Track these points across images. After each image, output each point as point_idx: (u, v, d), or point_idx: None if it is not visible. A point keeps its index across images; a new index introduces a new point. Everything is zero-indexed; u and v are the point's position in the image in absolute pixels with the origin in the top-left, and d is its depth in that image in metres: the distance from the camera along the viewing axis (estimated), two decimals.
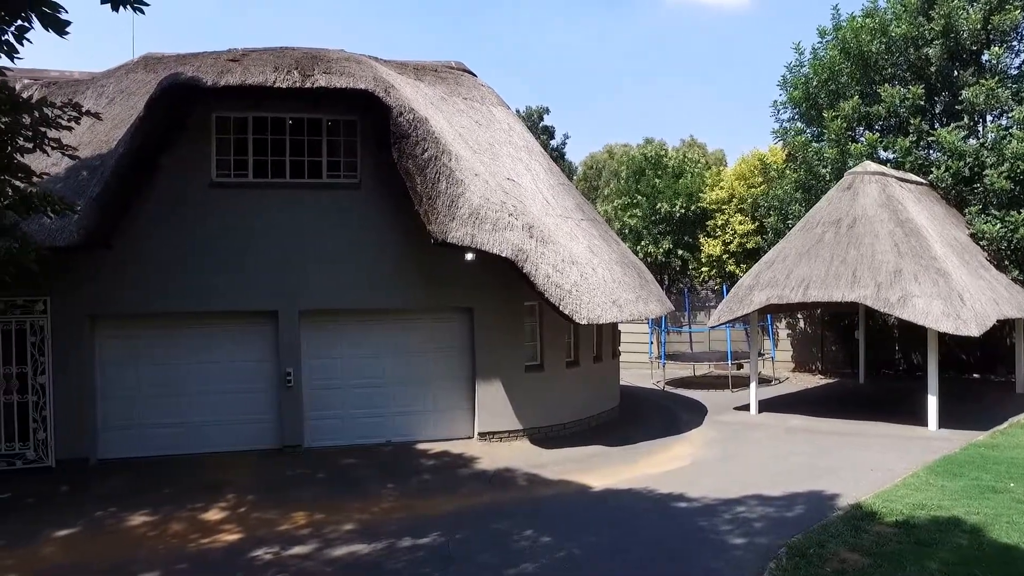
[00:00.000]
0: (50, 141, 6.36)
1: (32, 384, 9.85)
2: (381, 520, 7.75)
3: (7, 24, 4.24)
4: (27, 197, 6.31)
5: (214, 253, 10.33)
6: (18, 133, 6.09)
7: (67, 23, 3.93)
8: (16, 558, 6.88)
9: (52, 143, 6.40)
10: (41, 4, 3.70)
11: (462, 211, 9.92)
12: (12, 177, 6.19)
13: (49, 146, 6.41)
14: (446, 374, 11.22)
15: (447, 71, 14.19)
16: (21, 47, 4.56)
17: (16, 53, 4.58)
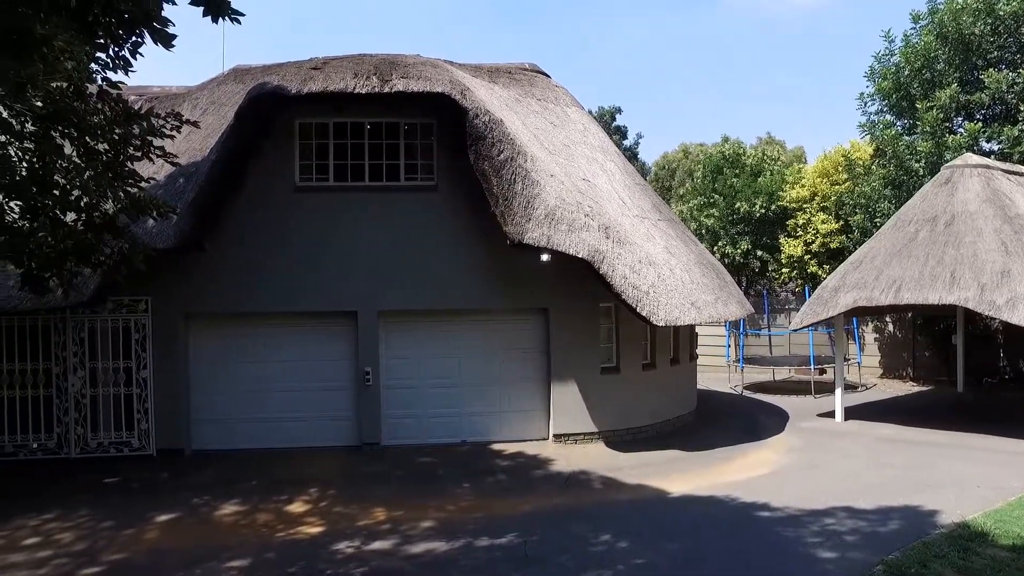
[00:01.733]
0: (155, 149, 6.77)
1: (136, 378, 10.50)
2: (458, 519, 7.81)
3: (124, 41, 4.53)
4: (136, 201, 6.74)
5: (297, 255, 10.71)
6: (129, 143, 6.51)
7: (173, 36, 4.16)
8: (124, 539, 7.36)
9: (157, 151, 6.81)
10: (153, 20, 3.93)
11: (538, 212, 9.90)
12: (124, 183, 6.63)
13: (154, 154, 6.83)
14: (521, 375, 11.23)
15: (521, 73, 14.22)
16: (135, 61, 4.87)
17: (131, 67, 4.89)
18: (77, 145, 6.35)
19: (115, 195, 6.49)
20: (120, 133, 6.39)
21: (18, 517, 8.01)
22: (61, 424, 10.48)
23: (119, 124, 6.35)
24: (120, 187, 6.54)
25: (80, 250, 6.42)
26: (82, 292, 8.30)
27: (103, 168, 6.40)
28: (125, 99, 6.58)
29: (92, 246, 6.48)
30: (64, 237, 6.33)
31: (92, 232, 6.52)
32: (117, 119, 6.31)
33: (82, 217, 6.58)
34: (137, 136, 6.52)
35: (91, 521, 7.89)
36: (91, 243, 6.46)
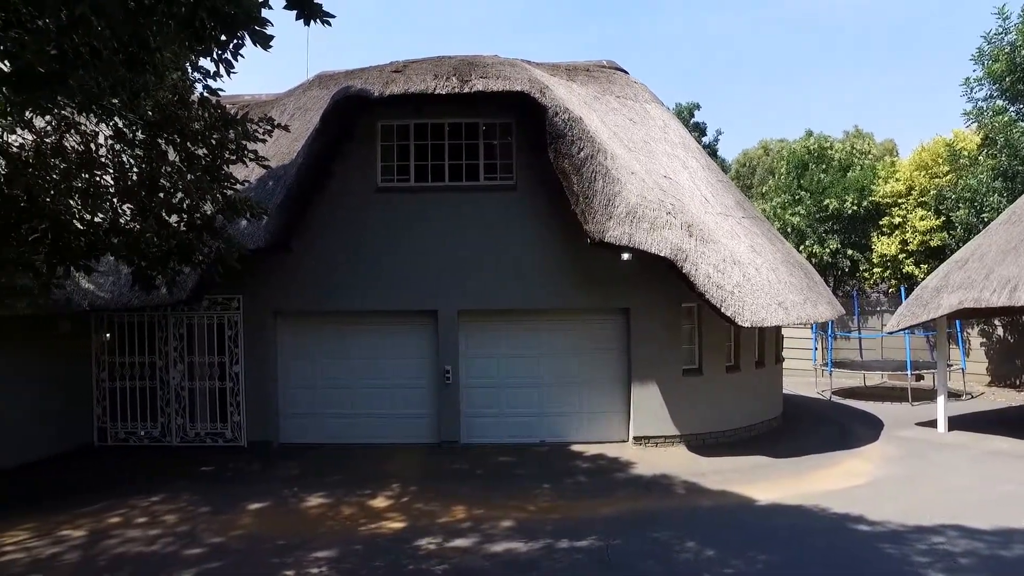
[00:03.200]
0: (249, 152, 7.08)
1: (228, 372, 11.02)
2: (538, 519, 7.77)
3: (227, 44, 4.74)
4: (232, 203, 7.08)
5: (379, 255, 10.95)
6: (226, 147, 6.84)
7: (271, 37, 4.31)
8: (220, 523, 7.73)
9: (251, 154, 7.12)
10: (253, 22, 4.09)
11: (619, 210, 9.74)
12: (221, 185, 6.97)
13: (247, 158, 7.14)
14: (601, 376, 11.09)
15: (598, 70, 14.05)
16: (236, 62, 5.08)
17: (232, 68, 5.11)
18: (180, 150, 6.72)
19: (213, 197, 6.83)
20: (217, 138, 6.72)
21: (131, 498, 8.61)
22: (164, 414, 11.13)
23: (217, 129, 6.67)
24: (218, 189, 6.88)
25: (182, 249, 6.79)
26: (184, 289, 8.75)
27: (203, 171, 6.75)
28: (223, 105, 6.91)
29: (193, 245, 6.84)
30: (168, 237, 6.70)
31: (193, 232, 6.89)
32: (215, 125, 6.63)
33: (184, 218, 6.95)
34: (232, 140, 6.83)
35: (191, 505, 8.33)
36: (192, 242, 6.82)
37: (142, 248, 6.52)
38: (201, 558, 6.78)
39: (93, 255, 6.38)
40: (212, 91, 6.60)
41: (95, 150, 6.52)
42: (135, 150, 6.54)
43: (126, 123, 6.08)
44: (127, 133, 6.41)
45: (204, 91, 6.62)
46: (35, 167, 5.93)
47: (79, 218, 6.37)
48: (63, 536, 7.44)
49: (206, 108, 6.68)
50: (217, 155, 6.79)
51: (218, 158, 6.81)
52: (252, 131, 7.04)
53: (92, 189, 6.34)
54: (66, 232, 6.04)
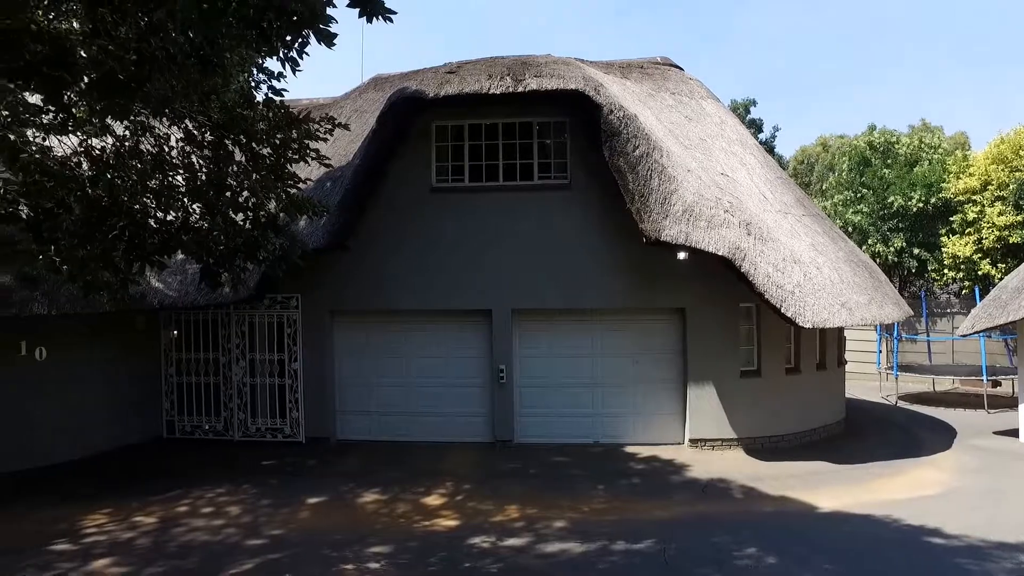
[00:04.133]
0: (311, 152, 7.26)
1: (288, 369, 11.32)
2: (593, 520, 7.70)
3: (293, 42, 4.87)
4: (296, 201, 7.27)
5: (434, 255, 11.05)
6: (288, 146, 7.03)
7: (334, 35, 4.40)
8: (280, 516, 7.96)
9: (312, 153, 7.29)
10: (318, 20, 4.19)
11: (675, 208, 9.58)
12: (284, 184, 7.17)
13: (309, 157, 7.32)
14: (656, 376, 10.93)
15: (652, 67, 13.87)
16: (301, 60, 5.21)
17: (298, 67, 5.24)
18: (245, 151, 6.94)
19: (277, 196, 7.03)
20: (281, 138, 6.91)
21: (196, 488, 8.94)
22: (227, 409, 11.50)
23: (280, 129, 6.86)
24: (282, 188, 7.08)
25: (248, 246, 7.01)
26: (248, 286, 8.99)
27: (267, 171, 6.95)
28: (287, 105, 7.10)
29: (258, 243, 7.06)
30: (235, 235, 6.93)
31: (258, 230, 7.10)
32: (279, 124, 6.82)
33: (249, 216, 7.16)
34: (295, 140, 7.02)
35: (253, 498, 8.58)
36: (257, 240, 7.03)
37: (210, 245, 6.77)
38: (262, 549, 6.97)
39: (166, 252, 6.66)
40: (276, 91, 6.79)
41: (167, 152, 6.80)
42: (204, 151, 6.79)
43: (195, 125, 6.32)
44: (196, 135, 6.66)
45: (268, 92, 6.82)
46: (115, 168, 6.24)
47: (153, 217, 6.66)
48: (136, 522, 7.78)
49: (270, 109, 6.88)
50: (281, 155, 6.99)
51: (281, 157, 7.00)
52: (314, 131, 7.22)
53: (165, 189, 6.62)
54: (142, 230, 6.32)
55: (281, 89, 6.73)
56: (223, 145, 6.68)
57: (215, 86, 5.13)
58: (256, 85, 6.82)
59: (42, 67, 3.31)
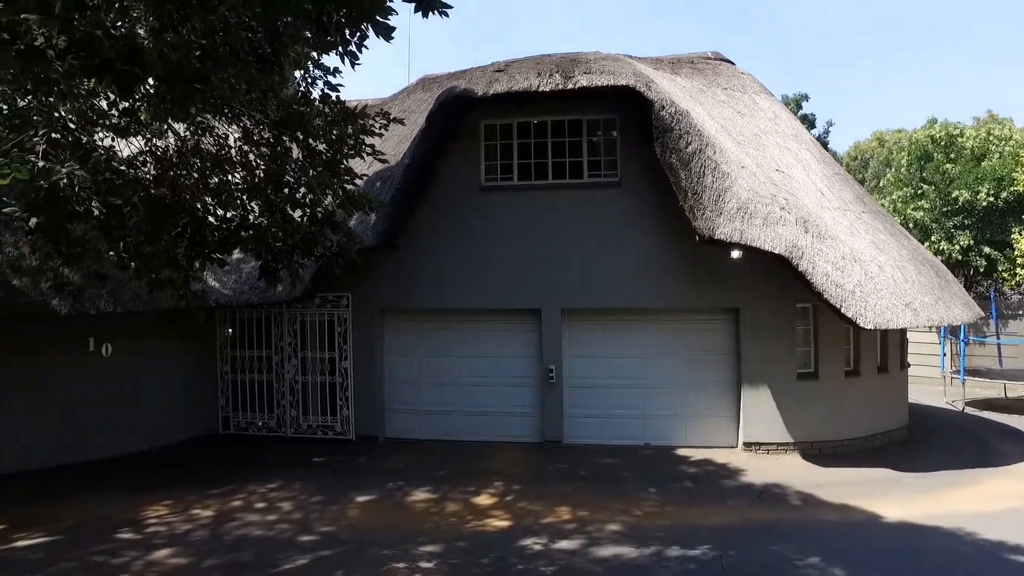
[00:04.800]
0: (366, 147, 7.29)
1: (338, 368, 11.46)
2: (646, 524, 7.55)
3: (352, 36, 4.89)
4: (352, 197, 7.31)
5: (483, 253, 11.03)
6: (344, 142, 7.08)
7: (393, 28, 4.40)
8: (331, 513, 8.05)
9: (368, 148, 7.33)
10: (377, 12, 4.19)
11: (729, 206, 9.33)
12: (341, 180, 7.23)
13: (365, 152, 7.35)
14: (708, 378, 10.68)
15: (703, 62, 13.58)
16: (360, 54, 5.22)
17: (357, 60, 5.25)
18: (302, 147, 7.00)
19: (334, 192, 7.09)
20: (337, 133, 6.97)
21: (251, 484, 9.13)
22: (279, 406, 11.71)
23: (336, 125, 6.91)
24: (338, 184, 7.14)
25: (305, 243, 7.10)
26: (304, 280, 9.05)
27: (323, 167, 7.01)
28: (343, 101, 7.15)
29: (316, 239, 7.13)
30: (293, 231, 7.02)
31: (315, 226, 7.17)
32: (336, 120, 6.88)
33: (307, 213, 7.25)
34: (351, 136, 7.07)
35: (304, 494, 8.70)
36: (315, 236, 7.11)
37: (268, 242, 6.87)
38: (315, 545, 7.05)
39: (226, 249, 6.79)
40: (332, 87, 6.85)
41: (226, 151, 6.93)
42: (261, 149, 6.90)
43: (253, 124, 6.43)
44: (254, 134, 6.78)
45: (325, 87, 6.89)
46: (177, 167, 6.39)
47: (213, 215, 6.80)
48: (194, 515, 7.97)
49: (326, 104, 6.94)
50: (337, 150, 7.04)
51: (338, 153, 7.05)
52: (369, 126, 7.26)
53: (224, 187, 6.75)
54: (203, 227, 6.46)
55: (337, 84, 6.80)
56: (280, 142, 6.77)
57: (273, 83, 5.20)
58: (312, 81, 6.89)
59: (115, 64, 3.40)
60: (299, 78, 6.71)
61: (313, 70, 6.87)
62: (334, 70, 6.65)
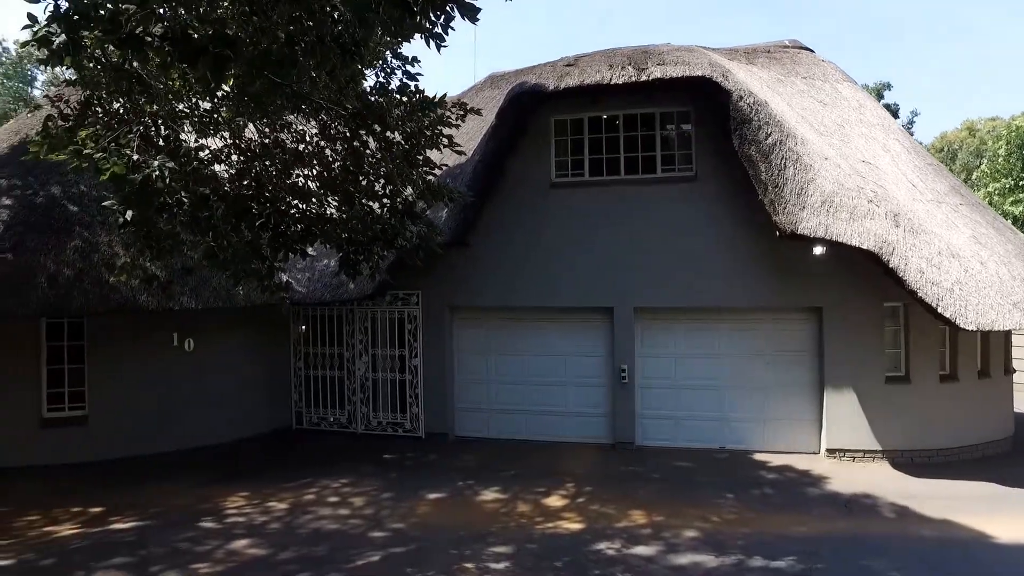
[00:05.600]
0: (443, 137, 7.24)
1: (408, 365, 11.52)
2: (725, 532, 7.22)
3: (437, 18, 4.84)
4: (432, 187, 7.27)
5: (553, 250, 10.87)
6: (423, 133, 7.05)
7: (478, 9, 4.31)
8: (402, 510, 8.07)
9: (445, 139, 7.27)
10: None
11: (813, 199, 8.86)
12: (420, 170, 7.19)
13: (442, 144, 7.30)
14: (789, 380, 10.18)
15: (780, 51, 13.02)
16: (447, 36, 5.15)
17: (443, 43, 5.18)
18: (379, 139, 6.99)
19: (414, 182, 7.06)
20: (414, 125, 6.95)
21: (323, 478, 9.27)
22: (350, 403, 11.88)
23: (414, 116, 6.89)
24: (418, 175, 7.11)
25: (386, 234, 7.10)
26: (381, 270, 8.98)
27: (402, 158, 6.98)
28: (422, 90, 7.11)
29: (397, 230, 7.12)
30: (373, 223, 7.04)
31: (395, 217, 7.16)
32: (413, 110, 6.86)
33: (386, 204, 7.25)
34: (428, 127, 7.03)
35: (375, 491, 8.76)
36: (396, 228, 7.10)
37: (349, 234, 6.91)
38: (386, 542, 7.06)
39: (307, 240, 6.86)
40: (411, 76, 6.82)
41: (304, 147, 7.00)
42: (337, 144, 6.96)
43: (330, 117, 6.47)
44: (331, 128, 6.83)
45: (403, 77, 6.87)
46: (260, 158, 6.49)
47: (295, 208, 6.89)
48: (270, 507, 8.14)
49: (404, 94, 6.92)
50: (416, 141, 6.99)
51: (416, 144, 7.01)
52: (445, 117, 7.20)
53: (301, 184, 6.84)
54: (285, 218, 6.56)
55: (415, 74, 6.77)
56: (357, 136, 6.78)
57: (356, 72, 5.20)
58: (390, 72, 6.88)
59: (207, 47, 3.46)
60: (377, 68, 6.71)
61: (391, 60, 6.86)
62: (412, 59, 6.61)
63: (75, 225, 9.76)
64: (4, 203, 9.90)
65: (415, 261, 7.64)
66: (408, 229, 7.23)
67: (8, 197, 9.98)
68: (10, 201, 9.92)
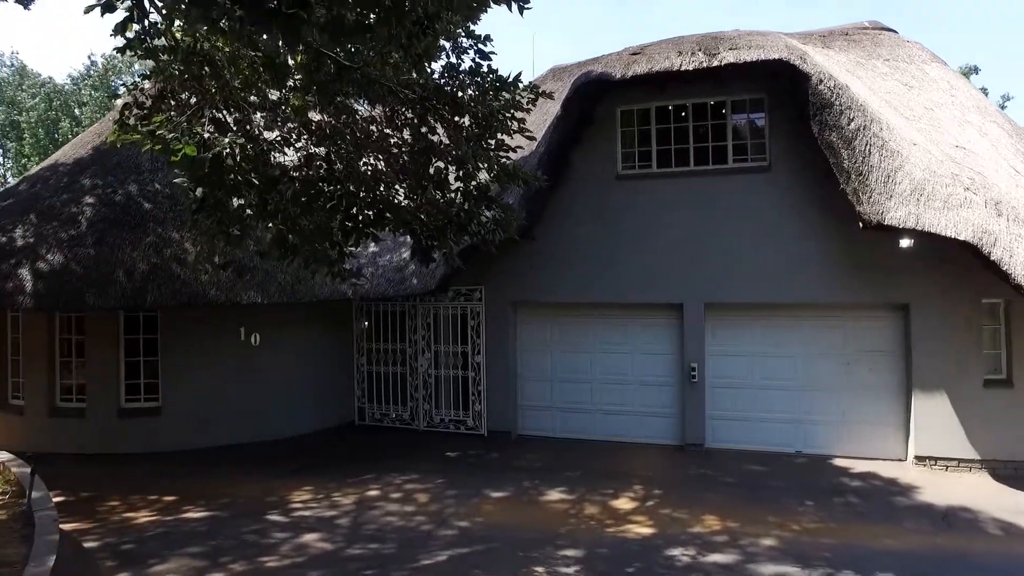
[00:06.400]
0: (516, 121, 7.01)
1: (471, 362, 11.39)
2: (807, 542, 6.79)
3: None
4: (508, 170, 7.04)
5: (620, 245, 10.54)
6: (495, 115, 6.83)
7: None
8: (467, 508, 7.93)
9: (516, 124, 7.04)
10: None
11: (901, 187, 8.26)
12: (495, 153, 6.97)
13: (512, 129, 7.06)
14: (871, 381, 9.57)
15: (859, 32, 12.29)
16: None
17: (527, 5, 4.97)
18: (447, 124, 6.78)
19: (489, 166, 6.84)
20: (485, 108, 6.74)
21: (387, 474, 9.23)
22: (412, 399, 11.84)
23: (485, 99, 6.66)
24: (495, 157, 6.89)
25: (461, 219, 6.92)
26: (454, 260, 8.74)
27: (474, 140, 6.75)
28: (495, 69, 6.90)
29: (471, 214, 6.93)
30: (446, 207, 6.87)
31: (469, 202, 6.97)
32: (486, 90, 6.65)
33: (460, 188, 7.08)
34: (499, 111, 6.81)
35: (439, 488, 8.65)
36: (470, 211, 6.91)
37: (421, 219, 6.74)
38: (452, 541, 6.92)
39: (379, 226, 6.72)
40: (484, 55, 6.60)
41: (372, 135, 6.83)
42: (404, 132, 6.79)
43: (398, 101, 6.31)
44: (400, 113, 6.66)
45: (476, 56, 6.66)
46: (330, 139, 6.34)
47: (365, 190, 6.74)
48: (336, 502, 8.13)
49: (476, 75, 6.71)
50: (488, 123, 6.78)
51: (489, 127, 6.79)
52: (517, 99, 6.99)
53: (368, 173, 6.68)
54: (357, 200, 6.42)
55: (489, 52, 6.54)
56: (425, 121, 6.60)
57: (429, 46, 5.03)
58: (462, 52, 6.68)
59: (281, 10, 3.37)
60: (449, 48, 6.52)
61: (463, 40, 6.66)
62: (485, 37, 6.39)
63: (149, 221, 10.03)
64: (87, 201, 10.28)
65: (490, 248, 7.42)
66: (483, 214, 7.01)
67: (91, 196, 10.36)
68: (92, 200, 10.29)
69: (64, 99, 35.49)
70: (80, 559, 6.49)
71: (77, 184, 10.65)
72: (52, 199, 10.43)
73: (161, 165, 10.78)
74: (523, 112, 7.02)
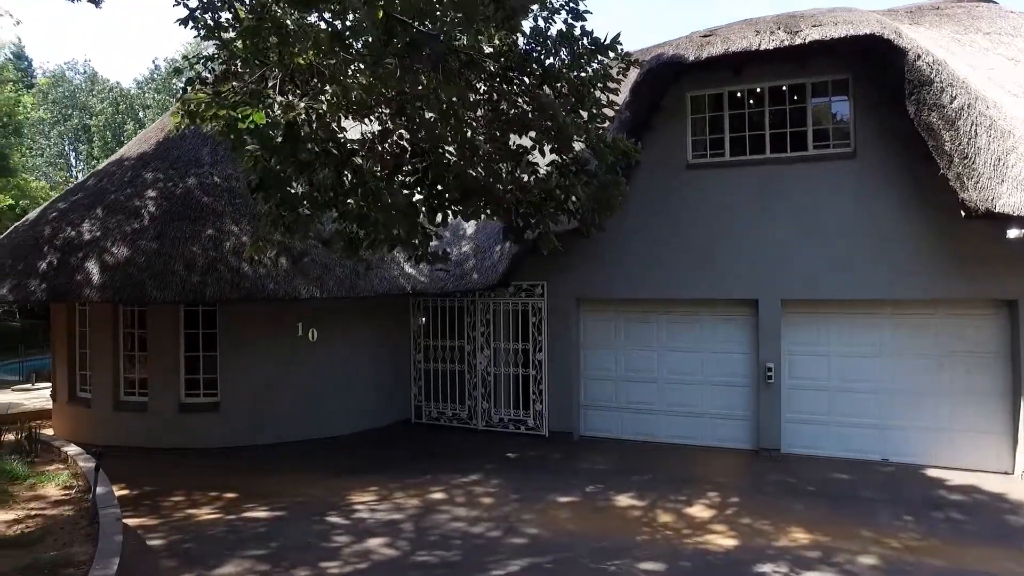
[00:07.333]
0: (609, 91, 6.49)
1: (532, 360, 10.99)
2: (911, 562, 6.17)
3: None
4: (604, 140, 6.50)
5: (689, 237, 9.99)
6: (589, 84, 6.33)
7: None
8: (533, 513, 7.54)
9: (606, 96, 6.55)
10: None
11: (1015, 171, 7.51)
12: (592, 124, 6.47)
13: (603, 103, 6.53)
14: (969, 385, 8.79)
15: (953, 6, 11.41)
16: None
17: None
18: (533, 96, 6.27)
19: (589, 136, 6.35)
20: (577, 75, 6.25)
21: (447, 474, 8.94)
22: (471, 398, 11.51)
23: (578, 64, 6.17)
24: (594, 129, 6.40)
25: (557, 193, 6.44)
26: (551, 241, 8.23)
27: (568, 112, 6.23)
28: (590, 31, 6.36)
29: (570, 189, 6.43)
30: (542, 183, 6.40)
31: (567, 177, 6.47)
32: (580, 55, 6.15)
33: (553, 161, 6.62)
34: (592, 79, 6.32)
35: (502, 490, 8.29)
36: (568, 187, 6.42)
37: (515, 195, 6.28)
38: (522, 550, 6.54)
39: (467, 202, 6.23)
40: (578, 15, 6.08)
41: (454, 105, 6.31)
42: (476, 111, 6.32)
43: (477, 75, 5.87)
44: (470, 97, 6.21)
45: (569, 17, 6.18)
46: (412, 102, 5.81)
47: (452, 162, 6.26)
48: (399, 504, 7.85)
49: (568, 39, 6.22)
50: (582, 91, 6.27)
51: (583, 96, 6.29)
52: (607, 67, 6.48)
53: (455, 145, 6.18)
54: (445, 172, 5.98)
55: (584, 12, 6.06)
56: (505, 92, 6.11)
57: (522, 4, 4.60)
58: (551, 14, 6.22)
59: None
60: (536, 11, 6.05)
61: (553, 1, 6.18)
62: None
63: (208, 215, 9.94)
64: (150, 195, 10.27)
65: (591, 228, 6.90)
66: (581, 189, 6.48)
67: (153, 189, 10.35)
68: (154, 193, 10.27)
69: (129, 103, 36.61)
70: (144, 558, 6.35)
71: (140, 178, 10.66)
72: (117, 193, 10.47)
73: (221, 158, 10.71)
74: (615, 82, 6.49)
